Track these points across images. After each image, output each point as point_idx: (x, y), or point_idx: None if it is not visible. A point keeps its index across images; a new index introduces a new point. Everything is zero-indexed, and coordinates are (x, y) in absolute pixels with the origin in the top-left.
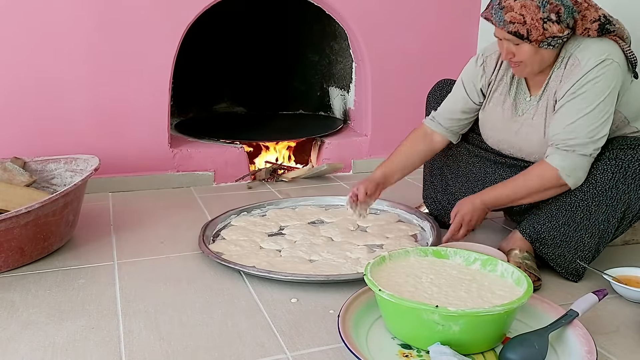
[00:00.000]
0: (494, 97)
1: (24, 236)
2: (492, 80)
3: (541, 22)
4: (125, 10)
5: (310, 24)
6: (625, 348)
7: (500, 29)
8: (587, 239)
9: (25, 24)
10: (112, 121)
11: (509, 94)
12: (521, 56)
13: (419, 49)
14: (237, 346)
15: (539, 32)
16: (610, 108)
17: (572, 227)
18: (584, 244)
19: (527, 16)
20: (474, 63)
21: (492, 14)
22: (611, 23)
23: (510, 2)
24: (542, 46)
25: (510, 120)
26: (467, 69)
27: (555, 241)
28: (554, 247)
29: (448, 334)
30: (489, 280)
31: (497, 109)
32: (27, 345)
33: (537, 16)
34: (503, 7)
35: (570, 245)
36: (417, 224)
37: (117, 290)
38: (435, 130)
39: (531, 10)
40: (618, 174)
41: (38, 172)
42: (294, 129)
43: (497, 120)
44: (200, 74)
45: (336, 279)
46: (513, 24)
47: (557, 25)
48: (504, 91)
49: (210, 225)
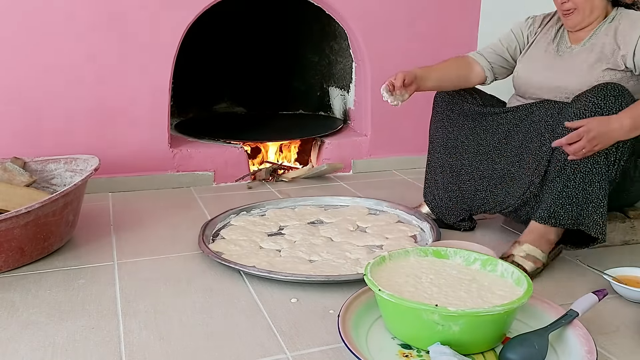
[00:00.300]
0: (536, 44)
1: (24, 236)
2: (538, 32)
3: None
4: (126, 10)
5: (310, 24)
6: (625, 348)
7: None
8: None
9: (25, 24)
10: (112, 121)
11: (552, 42)
12: (575, 1)
13: (419, 48)
14: (237, 346)
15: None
16: None
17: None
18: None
19: None
20: (524, 21)
21: None
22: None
23: None
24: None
25: (551, 59)
26: (517, 22)
27: (565, 208)
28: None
29: (448, 334)
30: (489, 280)
31: (538, 53)
32: (27, 345)
33: None
34: None
35: (579, 202)
36: (417, 224)
37: (117, 290)
38: (478, 61)
39: None
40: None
41: (38, 172)
42: (294, 129)
43: (537, 59)
44: (200, 74)
45: (336, 279)
46: None
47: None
48: (548, 39)
49: (209, 224)
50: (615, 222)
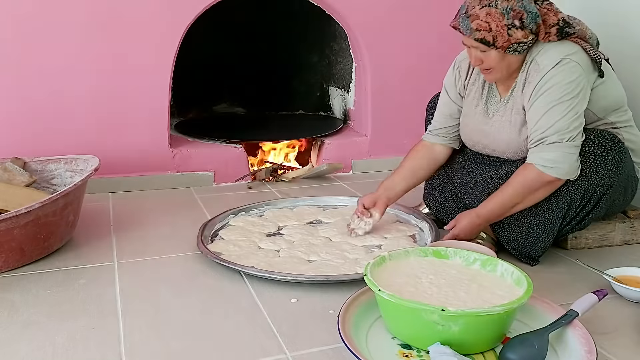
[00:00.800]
0: (467, 100)
1: (24, 236)
2: (466, 84)
3: (506, 28)
4: (126, 10)
5: (310, 24)
6: (625, 348)
7: (467, 37)
8: (536, 226)
9: (25, 24)
10: (112, 121)
11: (481, 98)
12: (489, 63)
13: (419, 49)
14: (237, 346)
15: (504, 38)
16: (575, 101)
17: (523, 213)
18: (533, 230)
19: (492, 23)
20: (451, 69)
21: (460, 22)
22: (570, 26)
23: (476, 10)
24: (508, 52)
25: (482, 122)
26: (447, 76)
27: (510, 225)
28: (509, 230)
29: (448, 334)
30: (488, 281)
31: (470, 111)
32: (27, 345)
33: (502, 23)
34: (469, 15)
35: (522, 230)
36: (415, 224)
37: (117, 290)
38: (435, 141)
39: (496, 17)
40: None
41: (38, 172)
42: (294, 129)
43: (471, 122)
44: (200, 74)
45: (335, 279)
46: (479, 31)
47: (521, 31)
48: (476, 95)
49: (208, 225)
50: (615, 222)
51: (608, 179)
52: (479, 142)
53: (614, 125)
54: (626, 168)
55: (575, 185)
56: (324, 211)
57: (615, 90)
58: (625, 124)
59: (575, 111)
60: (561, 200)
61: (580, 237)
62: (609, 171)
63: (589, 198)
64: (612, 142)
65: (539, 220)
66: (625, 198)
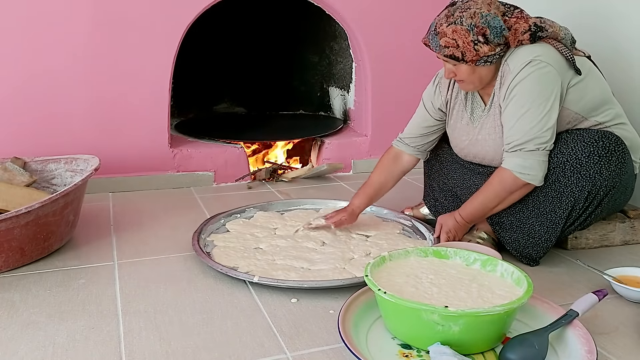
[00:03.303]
0: (453, 113)
1: (24, 236)
2: (449, 99)
3: (472, 44)
4: (126, 10)
5: (310, 24)
6: (625, 348)
7: (437, 53)
8: (538, 227)
9: (25, 25)
10: (112, 121)
11: (466, 108)
12: (461, 75)
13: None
14: (237, 346)
15: (472, 53)
16: (548, 105)
17: (525, 214)
18: (535, 231)
19: (458, 40)
20: (431, 84)
21: (430, 39)
22: (543, 29)
23: (443, 28)
24: (478, 64)
25: (469, 132)
26: (427, 89)
27: (511, 226)
28: (510, 231)
29: (448, 334)
30: (489, 281)
31: (457, 124)
32: (27, 345)
33: (468, 39)
34: (438, 32)
35: (523, 231)
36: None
37: (117, 290)
38: (404, 150)
39: (461, 34)
40: (559, 168)
41: (38, 172)
42: (294, 129)
43: (459, 133)
44: (200, 74)
45: (334, 284)
46: (448, 48)
47: (486, 45)
48: (461, 107)
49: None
50: (615, 222)
51: (612, 180)
52: (469, 153)
53: (604, 125)
54: (628, 167)
55: (579, 187)
56: (318, 213)
57: (597, 88)
58: (615, 122)
59: (549, 116)
60: (565, 201)
61: (580, 237)
62: (612, 172)
63: (592, 199)
64: (616, 143)
65: (541, 221)
66: (625, 197)
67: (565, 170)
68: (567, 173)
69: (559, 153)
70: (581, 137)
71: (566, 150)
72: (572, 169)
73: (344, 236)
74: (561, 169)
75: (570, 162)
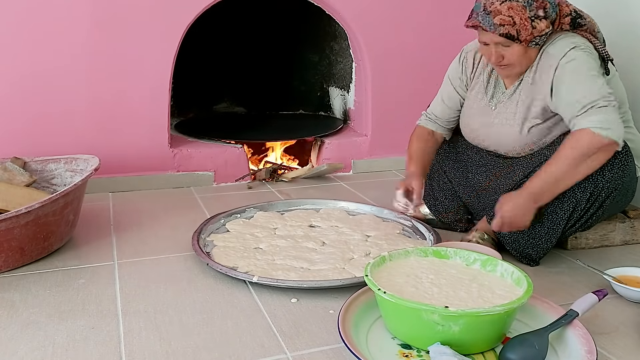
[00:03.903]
0: (472, 93)
1: (24, 236)
2: (471, 77)
3: (529, 20)
4: (126, 10)
5: (310, 24)
6: (625, 348)
7: (491, 33)
8: (539, 227)
9: (25, 24)
10: (112, 121)
11: (487, 90)
12: (511, 58)
13: (419, 48)
14: (237, 346)
15: (528, 31)
16: (599, 75)
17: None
18: (536, 232)
19: (515, 17)
20: (457, 60)
21: (480, 20)
22: (582, 17)
23: (496, 5)
24: (530, 45)
25: (484, 114)
26: (452, 65)
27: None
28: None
29: (448, 334)
30: (489, 280)
31: (474, 104)
32: (27, 345)
33: (525, 15)
34: (490, 11)
35: (524, 231)
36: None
37: (117, 290)
38: (434, 129)
39: (519, 10)
40: None
41: (38, 172)
42: (294, 129)
43: (474, 114)
44: (200, 74)
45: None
46: (503, 26)
47: (545, 21)
48: (481, 88)
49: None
50: (615, 222)
51: (614, 183)
52: (478, 136)
53: None
54: (630, 170)
55: (582, 188)
56: (317, 213)
57: (618, 91)
58: (626, 124)
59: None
60: (566, 202)
61: (580, 237)
62: (615, 174)
63: (593, 201)
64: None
65: (541, 222)
66: (626, 198)
67: None
68: None
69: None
70: None
71: None
72: None
73: (344, 236)
74: None
75: None
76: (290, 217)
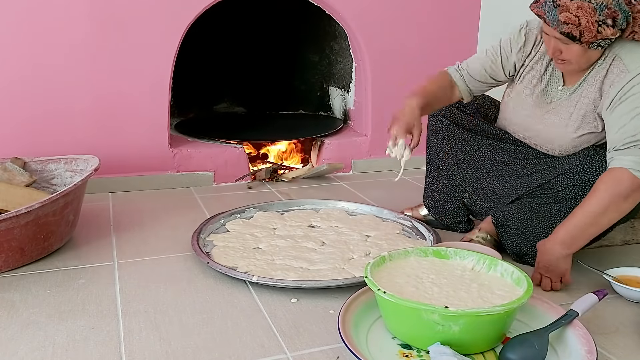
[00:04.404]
0: (525, 78)
1: (24, 236)
2: (527, 60)
3: (596, 25)
4: (126, 10)
5: (310, 24)
6: (625, 348)
7: (552, 29)
8: (544, 237)
9: (25, 24)
10: (112, 121)
11: (542, 80)
12: (568, 55)
13: (419, 48)
14: (237, 346)
15: (592, 34)
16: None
17: (533, 223)
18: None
19: (582, 18)
20: (517, 31)
21: (546, 11)
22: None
23: (566, 1)
24: (591, 47)
25: (537, 105)
26: (510, 34)
27: (516, 231)
28: (514, 236)
29: (448, 334)
30: (489, 280)
31: (526, 91)
32: (27, 345)
33: (593, 19)
34: (558, 5)
35: (528, 238)
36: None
37: (117, 290)
38: (457, 83)
39: (588, 12)
40: (578, 186)
41: (38, 172)
42: (294, 129)
43: (523, 102)
44: (200, 74)
45: (336, 284)
46: (567, 24)
47: (611, 29)
48: (537, 75)
49: (202, 230)
50: None
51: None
52: (522, 125)
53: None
54: None
55: None
56: (317, 213)
57: None
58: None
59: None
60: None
61: None
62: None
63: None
64: None
65: (548, 232)
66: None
67: (584, 189)
68: (586, 192)
69: (582, 171)
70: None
71: (589, 169)
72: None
73: (343, 236)
74: (580, 187)
75: (591, 182)
76: (290, 217)
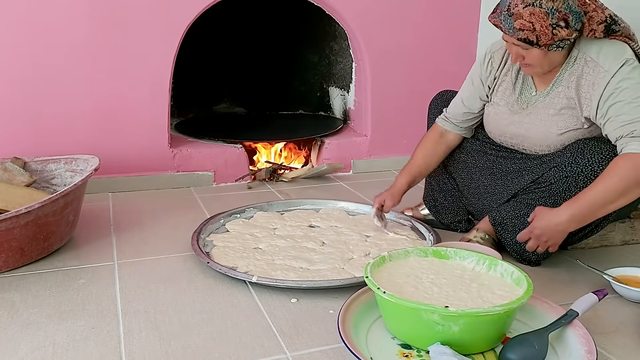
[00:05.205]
0: (499, 91)
1: (24, 236)
2: (498, 76)
3: (550, 28)
4: (126, 10)
5: (310, 24)
6: (625, 348)
7: (510, 36)
8: None
9: (24, 24)
10: (112, 121)
11: (514, 89)
12: (530, 60)
13: (419, 48)
14: (237, 346)
15: (548, 37)
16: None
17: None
18: None
19: (536, 23)
20: (481, 59)
21: (501, 20)
22: (617, 23)
23: (519, 9)
24: (551, 49)
25: (515, 112)
26: (475, 65)
27: (514, 228)
28: (512, 233)
29: (448, 334)
30: (489, 280)
31: (501, 102)
32: (27, 345)
33: (546, 23)
34: (512, 14)
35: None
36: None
37: (117, 290)
38: (449, 129)
39: (540, 17)
40: (571, 178)
41: (38, 172)
42: (294, 129)
43: (501, 112)
44: (200, 74)
45: (335, 284)
46: (522, 31)
47: (566, 30)
48: (509, 86)
49: (202, 230)
50: (615, 222)
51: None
52: (506, 134)
53: None
54: None
55: None
56: (317, 213)
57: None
58: None
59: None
60: None
61: None
62: None
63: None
64: None
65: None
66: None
67: (577, 180)
68: (579, 183)
69: (574, 162)
70: (599, 149)
71: (582, 161)
72: (585, 179)
73: (343, 236)
74: (574, 179)
75: (584, 172)
76: (289, 217)
